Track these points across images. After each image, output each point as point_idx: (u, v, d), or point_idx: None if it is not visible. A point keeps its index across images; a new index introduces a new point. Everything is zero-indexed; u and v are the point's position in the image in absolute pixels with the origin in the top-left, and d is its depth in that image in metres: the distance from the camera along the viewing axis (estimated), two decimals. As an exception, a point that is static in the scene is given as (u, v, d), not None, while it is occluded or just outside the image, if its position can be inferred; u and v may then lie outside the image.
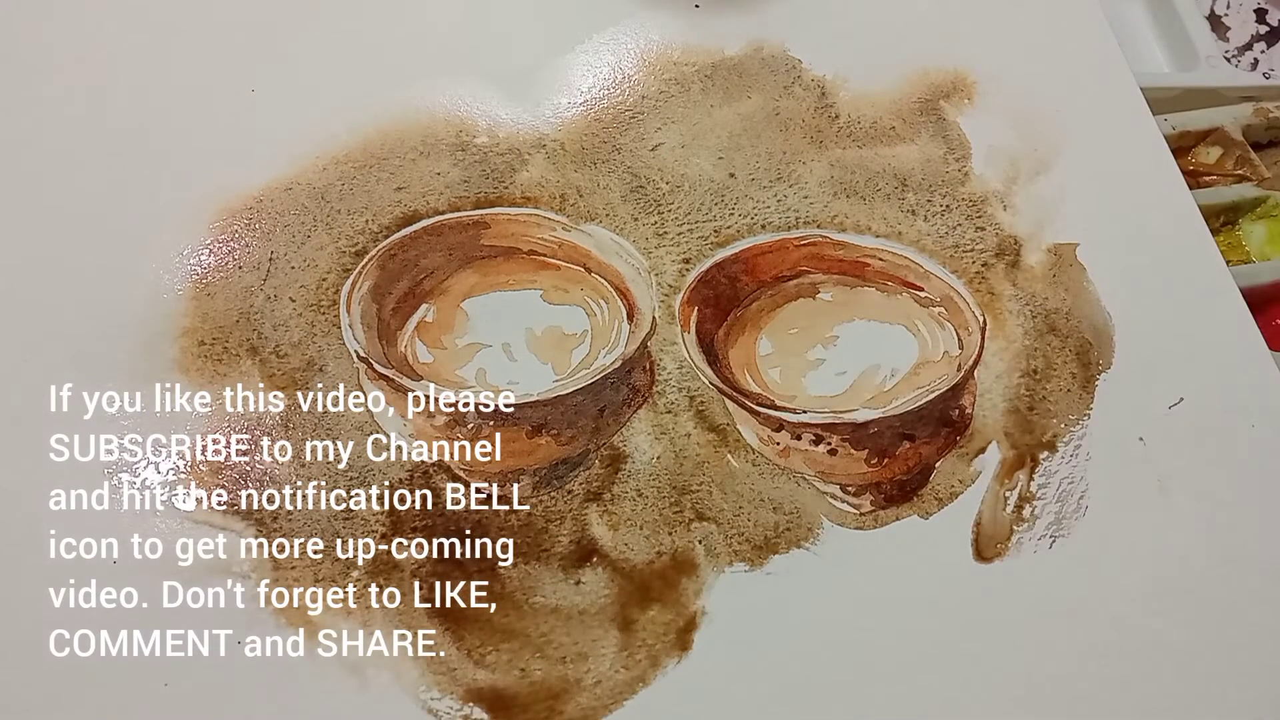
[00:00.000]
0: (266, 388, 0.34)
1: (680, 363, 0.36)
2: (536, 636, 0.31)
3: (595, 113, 0.41)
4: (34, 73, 0.39)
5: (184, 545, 0.31)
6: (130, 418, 0.33)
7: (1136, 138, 0.44)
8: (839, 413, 0.35)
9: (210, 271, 0.36)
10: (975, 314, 0.38)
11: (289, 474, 0.33)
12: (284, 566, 0.31)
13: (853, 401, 0.36)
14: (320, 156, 0.39)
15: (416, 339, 0.36)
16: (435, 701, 0.30)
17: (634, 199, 0.39)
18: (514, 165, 0.40)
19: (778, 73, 0.43)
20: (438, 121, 0.40)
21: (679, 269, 0.38)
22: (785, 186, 0.40)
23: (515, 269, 0.38)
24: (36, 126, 0.38)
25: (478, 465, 0.34)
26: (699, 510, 0.34)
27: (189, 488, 0.32)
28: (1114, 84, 0.45)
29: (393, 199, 0.38)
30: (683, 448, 0.35)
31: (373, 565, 0.32)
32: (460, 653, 0.31)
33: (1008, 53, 0.45)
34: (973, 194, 0.41)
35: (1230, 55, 0.52)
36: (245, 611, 0.30)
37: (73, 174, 0.37)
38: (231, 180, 0.37)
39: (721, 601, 0.32)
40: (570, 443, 0.34)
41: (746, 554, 0.33)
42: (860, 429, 0.35)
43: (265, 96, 0.40)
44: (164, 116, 0.39)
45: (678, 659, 0.31)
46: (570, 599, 0.32)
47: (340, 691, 0.30)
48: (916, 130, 0.43)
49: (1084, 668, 0.33)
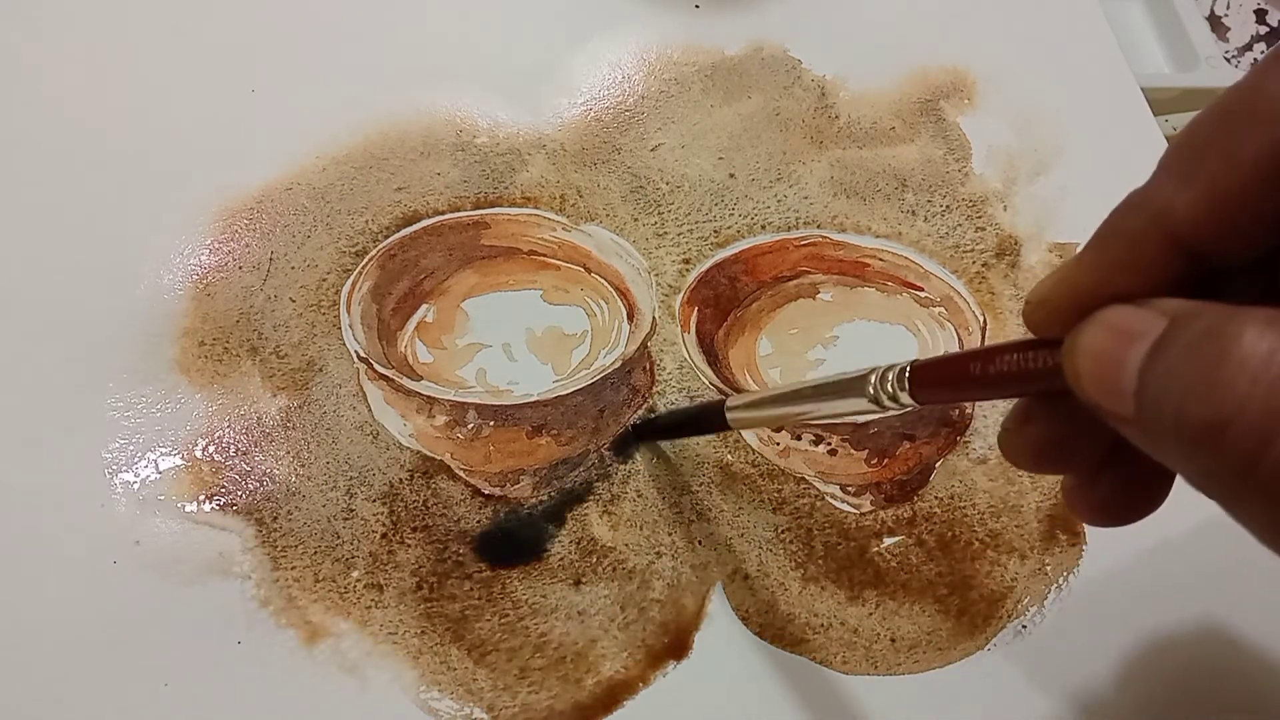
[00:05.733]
0: (267, 388, 0.34)
1: (680, 363, 0.36)
2: (536, 636, 0.31)
3: (595, 113, 0.41)
4: (33, 72, 0.39)
5: (184, 545, 0.31)
6: (130, 418, 0.33)
7: (1136, 138, 0.44)
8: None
9: (210, 271, 0.36)
10: (975, 314, 0.38)
11: (289, 474, 0.33)
12: (284, 566, 0.31)
13: (853, 402, 0.36)
14: (320, 156, 0.39)
15: (416, 339, 0.36)
16: (435, 701, 0.30)
17: (634, 199, 0.39)
18: (514, 165, 0.40)
19: (778, 73, 0.43)
20: (438, 122, 0.40)
21: (679, 269, 0.38)
22: (785, 187, 0.40)
23: (515, 269, 0.38)
24: (36, 126, 0.38)
25: (478, 465, 0.34)
26: (699, 510, 0.34)
27: (189, 488, 0.32)
28: (1114, 84, 0.45)
29: (393, 199, 0.38)
30: (683, 448, 0.35)
31: (372, 565, 0.32)
32: (460, 652, 0.31)
33: (1008, 53, 0.45)
34: (973, 194, 0.41)
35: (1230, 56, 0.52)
36: (245, 611, 0.30)
37: (72, 174, 0.37)
38: (231, 180, 0.37)
39: (722, 602, 0.32)
40: (570, 443, 0.34)
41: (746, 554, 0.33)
42: (860, 429, 0.35)
43: (265, 96, 0.40)
44: (164, 116, 0.39)
45: (678, 659, 0.31)
46: (570, 599, 0.32)
47: (340, 691, 0.30)
48: (916, 130, 0.43)
49: (1084, 667, 0.33)
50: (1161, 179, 0.18)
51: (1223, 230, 0.17)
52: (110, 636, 0.30)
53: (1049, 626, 0.33)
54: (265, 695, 0.29)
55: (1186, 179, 0.17)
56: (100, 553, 0.31)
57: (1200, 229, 0.17)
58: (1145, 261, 0.18)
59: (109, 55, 0.40)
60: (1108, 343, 0.16)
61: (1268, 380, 0.13)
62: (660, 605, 0.32)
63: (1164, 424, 0.15)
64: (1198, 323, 0.15)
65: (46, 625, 0.30)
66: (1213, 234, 0.17)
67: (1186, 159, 0.17)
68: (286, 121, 0.39)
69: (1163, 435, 0.15)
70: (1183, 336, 0.15)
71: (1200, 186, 0.17)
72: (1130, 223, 0.18)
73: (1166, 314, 0.16)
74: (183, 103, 0.39)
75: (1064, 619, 0.33)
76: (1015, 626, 0.33)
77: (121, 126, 0.38)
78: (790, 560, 0.33)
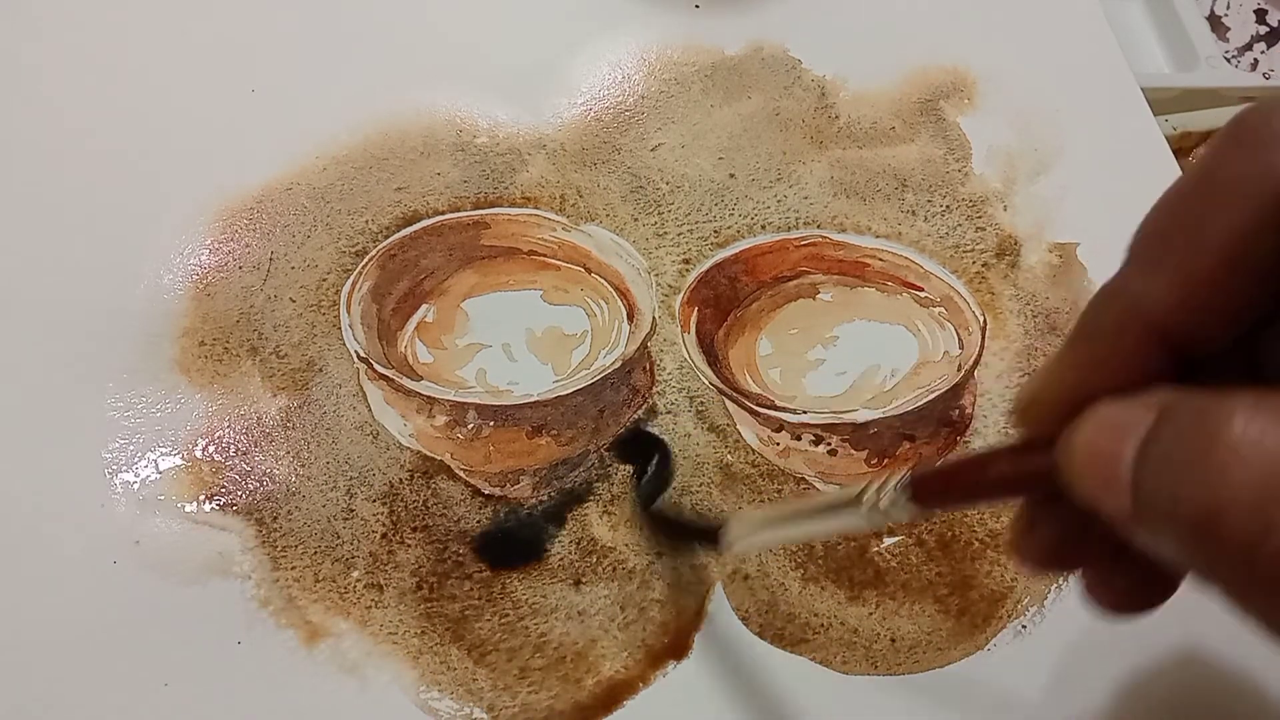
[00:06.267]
0: (267, 388, 0.34)
1: (680, 363, 0.36)
2: (536, 636, 0.31)
3: (595, 113, 0.41)
4: (34, 72, 0.39)
5: (184, 545, 0.31)
6: (130, 418, 0.33)
7: (1137, 138, 0.44)
8: (839, 413, 0.35)
9: (210, 271, 0.36)
10: (975, 314, 0.38)
11: (289, 474, 0.33)
12: (284, 567, 0.31)
13: (853, 402, 0.36)
14: (320, 156, 0.39)
15: (416, 339, 0.36)
16: (435, 701, 0.30)
17: (634, 199, 0.39)
18: (514, 165, 0.40)
19: (778, 73, 0.43)
20: (438, 122, 0.40)
21: (679, 269, 0.38)
22: (785, 187, 0.40)
23: (515, 269, 0.38)
24: (36, 126, 0.38)
25: (478, 465, 0.34)
26: (699, 511, 0.34)
27: (189, 488, 0.32)
28: (1114, 84, 0.45)
29: (393, 199, 0.38)
30: (683, 448, 0.35)
31: (372, 565, 0.32)
32: (460, 652, 0.31)
33: (1008, 53, 0.45)
34: (973, 194, 0.41)
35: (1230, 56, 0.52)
36: (245, 611, 0.30)
37: (73, 174, 0.37)
38: (231, 180, 0.37)
39: (722, 602, 0.32)
40: (570, 443, 0.34)
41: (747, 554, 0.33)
42: (860, 429, 0.35)
43: (265, 96, 0.40)
44: (164, 116, 0.39)
45: (678, 659, 0.31)
46: (570, 599, 0.32)
47: (339, 691, 0.30)
48: (916, 130, 0.43)
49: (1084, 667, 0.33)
50: (1132, 268, 0.18)
51: (1197, 316, 0.17)
52: (110, 636, 0.30)
53: (1049, 626, 0.33)
54: (265, 695, 0.29)
55: (1155, 267, 0.17)
56: (100, 553, 0.31)
57: (1175, 317, 0.17)
58: (1127, 354, 0.18)
59: (109, 55, 0.40)
60: (1100, 440, 0.16)
61: (1260, 464, 0.13)
62: (660, 605, 0.32)
63: (1160, 516, 0.15)
64: (1186, 410, 0.15)
65: (47, 625, 0.30)
66: (1188, 320, 0.17)
67: (1153, 247, 0.17)
68: (286, 121, 0.39)
69: (1161, 528, 0.15)
70: (1172, 426, 0.15)
71: (1170, 275, 0.17)
72: (1107, 316, 0.18)
73: (1155, 405, 0.16)
74: (183, 103, 0.39)
75: (1064, 619, 0.33)
76: (1015, 626, 0.33)
77: (121, 126, 0.38)
78: (790, 560, 0.33)
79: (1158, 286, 0.17)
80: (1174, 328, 0.17)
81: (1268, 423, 0.13)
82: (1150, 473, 0.15)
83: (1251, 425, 0.13)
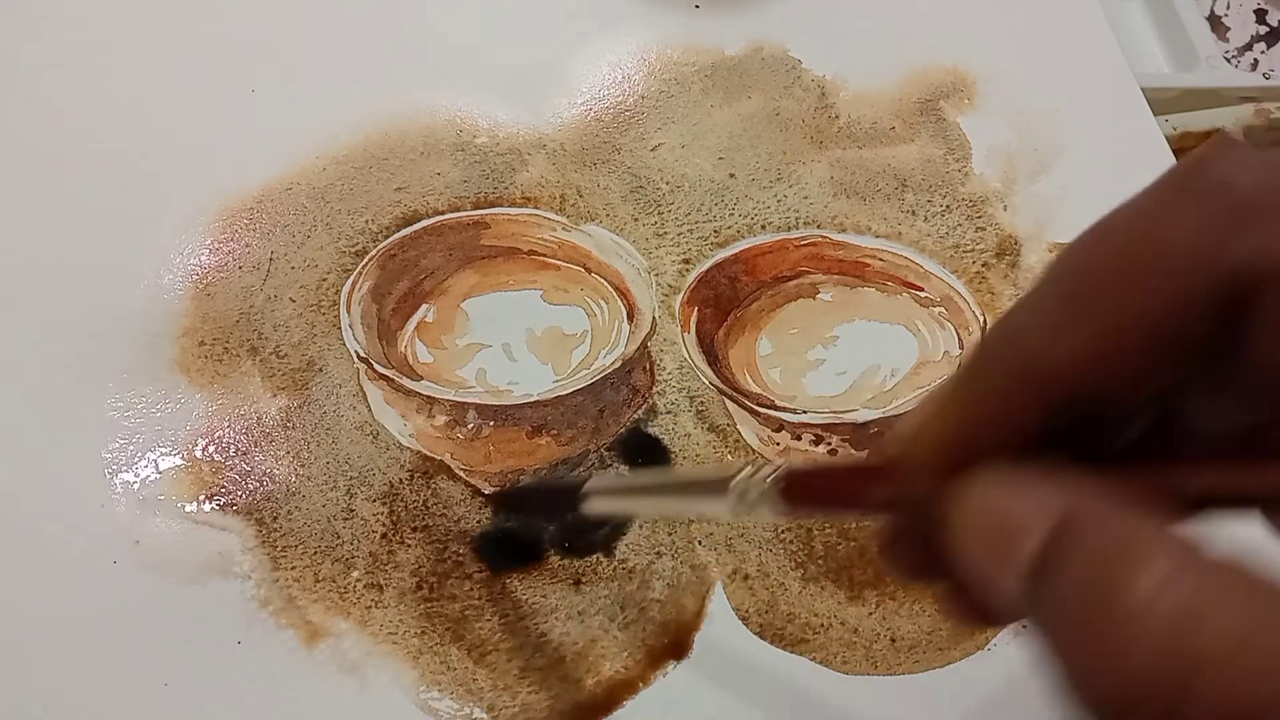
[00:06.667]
0: (267, 388, 0.34)
1: (680, 363, 0.36)
2: (536, 636, 0.31)
3: (595, 113, 0.41)
4: (34, 72, 0.39)
5: (184, 545, 0.31)
6: (130, 418, 0.33)
7: (1137, 138, 0.44)
8: (839, 413, 0.35)
9: (210, 271, 0.36)
10: (976, 314, 0.38)
11: (289, 474, 0.33)
12: (284, 566, 0.31)
13: (853, 402, 0.36)
14: (320, 156, 0.39)
15: (416, 339, 0.36)
16: (435, 701, 0.30)
17: (634, 199, 0.39)
18: (514, 165, 0.40)
19: (778, 73, 0.43)
20: (438, 121, 0.40)
21: (679, 269, 0.38)
22: (785, 186, 0.40)
23: (515, 269, 0.38)
24: (36, 126, 0.38)
25: (478, 465, 0.34)
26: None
27: (189, 488, 0.32)
28: (1114, 84, 0.45)
29: (393, 199, 0.38)
30: (683, 448, 0.35)
31: (372, 565, 0.32)
32: (460, 652, 0.31)
33: (1008, 53, 0.45)
34: (973, 194, 0.41)
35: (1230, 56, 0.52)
36: (245, 611, 0.30)
37: (73, 174, 0.37)
38: (231, 180, 0.37)
39: (721, 602, 0.32)
40: (570, 443, 0.34)
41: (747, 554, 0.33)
42: (860, 429, 0.35)
43: (265, 96, 0.40)
44: (164, 116, 0.39)
45: (678, 659, 0.31)
46: (570, 599, 0.32)
47: (339, 691, 0.30)
48: (916, 130, 0.43)
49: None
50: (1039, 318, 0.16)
51: (1106, 386, 0.15)
52: (110, 636, 0.30)
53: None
54: (265, 695, 0.29)
55: (1067, 328, 0.15)
56: (100, 553, 0.31)
57: (1080, 382, 0.15)
58: (1019, 410, 0.16)
59: (109, 55, 0.40)
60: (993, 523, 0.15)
61: (1174, 650, 0.12)
62: (660, 605, 0.32)
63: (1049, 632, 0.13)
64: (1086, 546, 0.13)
65: (47, 625, 0.30)
66: (1094, 388, 0.15)
67: (1069, 304, 0.15)
68: (286, 121, 0.39)
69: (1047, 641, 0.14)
70: (1070, 561, 0.13)
71: (1082, 342, 0.15)
72: (1001, 367, 0.16)
73: (1055, 512, 0.14)
74: (183, 103, 0.39)
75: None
76: (1015, 626, 0.33)
77: (121, 126, 0.38)
78: (790, 560, 0.33)
79: (1066, 348, 0.15)
80: (1077, 392, 0.16)
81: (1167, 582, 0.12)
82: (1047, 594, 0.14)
83: (1162, 597, 0.12)
